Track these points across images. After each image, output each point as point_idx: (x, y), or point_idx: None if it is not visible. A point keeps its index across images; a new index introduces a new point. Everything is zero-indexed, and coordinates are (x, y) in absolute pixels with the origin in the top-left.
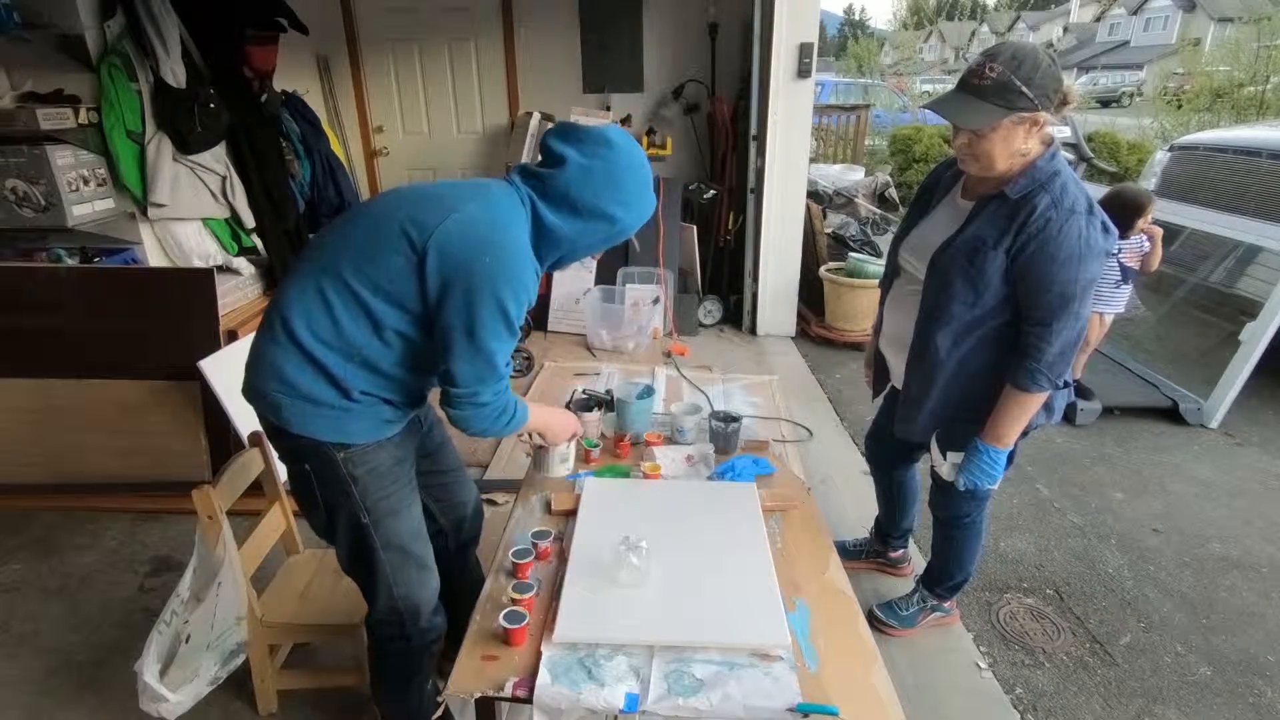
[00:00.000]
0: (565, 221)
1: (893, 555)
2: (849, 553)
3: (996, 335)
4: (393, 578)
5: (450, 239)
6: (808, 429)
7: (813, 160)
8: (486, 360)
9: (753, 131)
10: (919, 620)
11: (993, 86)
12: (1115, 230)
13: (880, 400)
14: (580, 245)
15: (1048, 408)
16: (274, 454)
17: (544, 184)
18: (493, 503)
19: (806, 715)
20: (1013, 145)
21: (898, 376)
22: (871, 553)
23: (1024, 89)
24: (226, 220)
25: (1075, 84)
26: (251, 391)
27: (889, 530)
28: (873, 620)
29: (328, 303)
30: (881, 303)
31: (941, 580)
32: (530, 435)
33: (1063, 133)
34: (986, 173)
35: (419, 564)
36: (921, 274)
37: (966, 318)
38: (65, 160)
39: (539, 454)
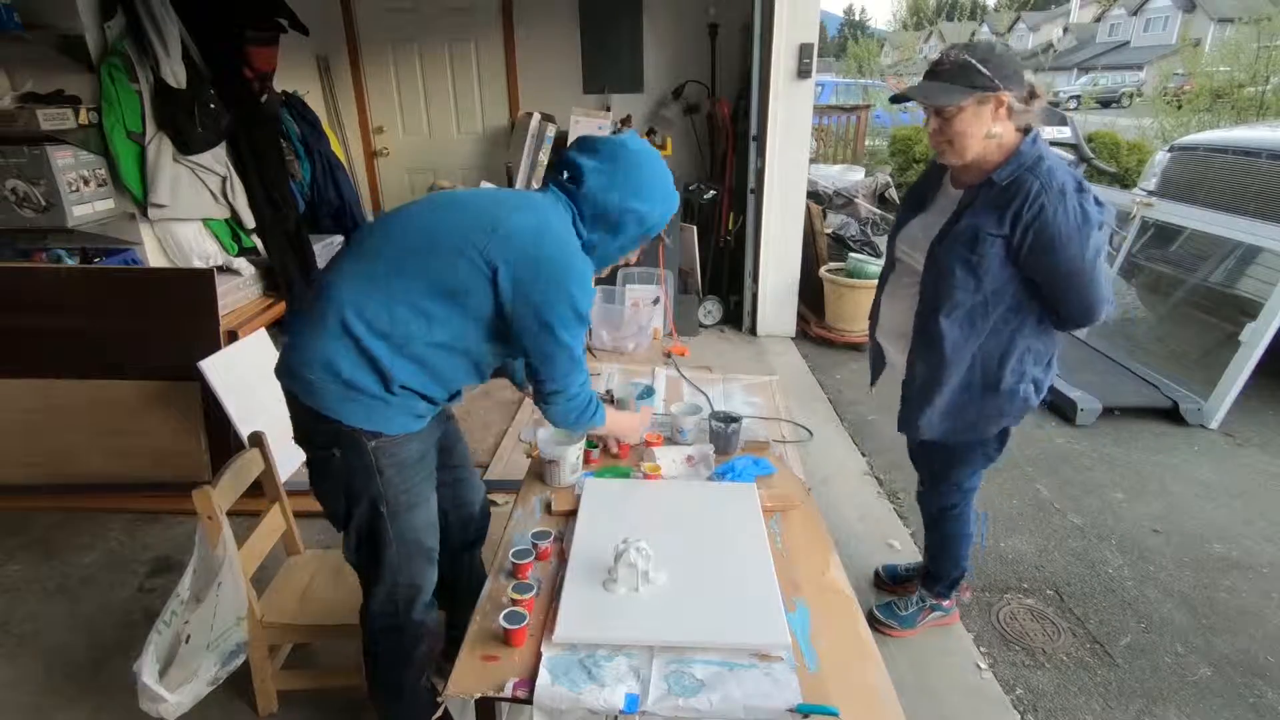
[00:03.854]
0: (600, 231)
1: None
2: (899, 577)
3: (1009, 311)
4: (399, 566)
5: (516, 251)
6: (808, 429)
7: (813, 160)
8: (569, 354)
9: (753, 132)
10: (919, 621)
11: (951, 69)
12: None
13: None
14: (614, 250)
15: (1037, 387)
16: (274, 454)
17: (576, 199)
18: (493, 503)
19: (806, 715)
20: (981, 126)
21: (896, 367)
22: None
23: (980, 68)
24: (227, 221)
25: (1076, 84)
26: (289, 373)
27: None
28: (873, 620)
29: (388, 299)
30: (878, 295)
31: (939, 578)
32: (604, 441)
33: (1063, 133)
34: (962, 158)
35: (428, 556)
36: (918, 264)
37: (969, 303)
38: (65, 160)
39: (548, 467)
